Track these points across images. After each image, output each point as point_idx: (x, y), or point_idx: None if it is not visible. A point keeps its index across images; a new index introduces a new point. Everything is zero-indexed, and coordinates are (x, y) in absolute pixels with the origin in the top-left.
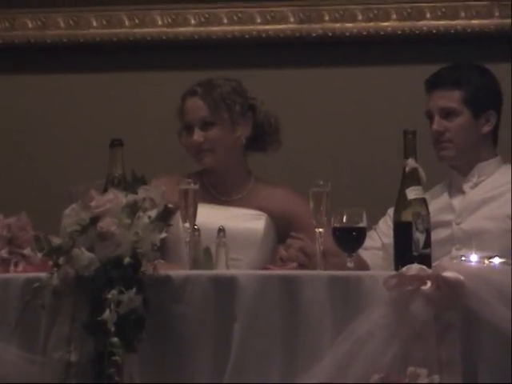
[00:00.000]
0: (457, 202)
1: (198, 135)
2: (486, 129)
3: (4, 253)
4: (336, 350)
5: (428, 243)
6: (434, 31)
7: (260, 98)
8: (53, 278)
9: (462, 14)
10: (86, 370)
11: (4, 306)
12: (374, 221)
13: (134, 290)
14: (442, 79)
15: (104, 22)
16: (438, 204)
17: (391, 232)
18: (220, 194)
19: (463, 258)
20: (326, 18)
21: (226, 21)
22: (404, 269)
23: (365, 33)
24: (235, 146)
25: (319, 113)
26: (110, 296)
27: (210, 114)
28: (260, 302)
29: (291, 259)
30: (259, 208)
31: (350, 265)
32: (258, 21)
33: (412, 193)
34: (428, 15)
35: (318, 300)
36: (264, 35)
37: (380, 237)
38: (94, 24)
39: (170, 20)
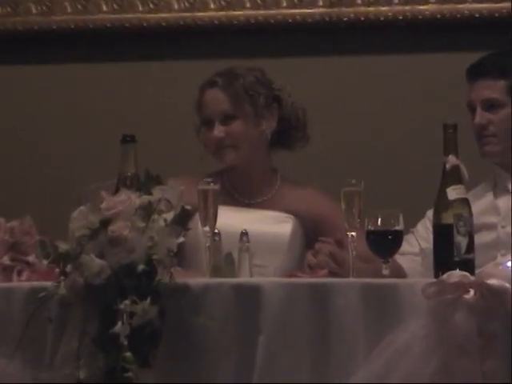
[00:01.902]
0: (502, 202)
1: (218, 130)
2: None
3: (6, 260)
4: (370, 365)
5: (471, 248)
6: (477, 15)
7: (286, 89)
8: (60, 288)
9: None
10: None
11: (7, 318)
12: (411, 224)
13: (149, 300)
14: (485, 68)
15: (115, 7)
16: (482, 205)
17: (430, 236)
18: (243, 197)
19: (509, 264)
20: (359, 1)
21: (248, 4)
22: (444, 276)
23: (401, 17)
24: (260, 142)
25: (351, 105)
26: (122, 307)
27: (231, 106)
28: (287, 313)
29: (321, 266)
30: (286, 210)
31: (385, 271)
32: (284, 4)
33: (453, 193)
34: None
35: (350, 310)
36: (290, 20)
37: (418, 241)
38: (104, 8)
39: (187, 4)
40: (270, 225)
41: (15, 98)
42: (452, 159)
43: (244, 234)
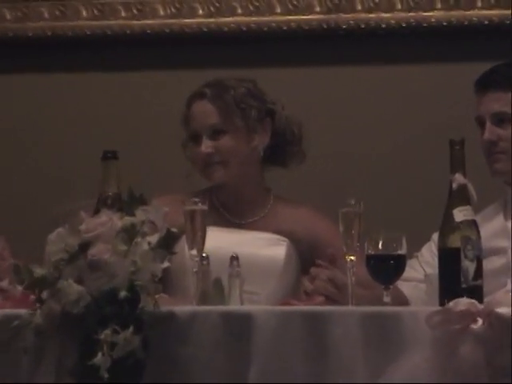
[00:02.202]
0: None
1: (206, 145)
2: None
3: None
4: None
5: (479, 273)
6: (486, 22)
7: (280, 102)
8: (35, 316)
9: None
10: None
11: None
12: (415, 247)
13: (132, 329)
14: (495, 79)
15: (96, 12)
16: (492, 228)
17: (436, 260)
18: (233, 216)
19: None
20: (359, 6)
21: (240, 10)
22: (451, 304)
23: (404, 24)
24: (251, 159)
25: (350, 119)
26: (102, 336)
27: (220, 120)
28: (280, 344)
29: (317, 292)
30: (279, 232)
31: (386, 299)
32: (278, 10)
33: (460, 214)
34: (479, 3)
35: (348, 341)
36: (285, 27)
37: (423, 266)
38: (84, 14)
39: (174, 10)
40: (262, 248)
41: None
42: (459, 178)
43: (234, 258)
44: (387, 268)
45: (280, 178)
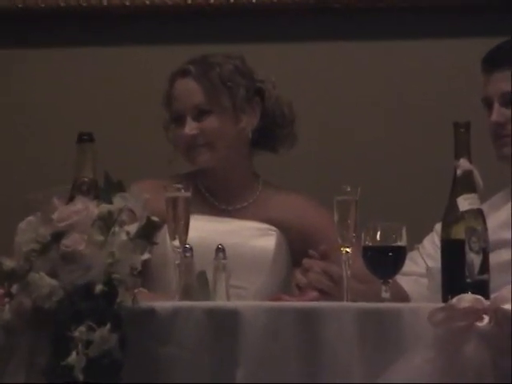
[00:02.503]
0: None
1: (190, 127)
2: None
3: None
4: None
5: (485, 267)
6: None
7: (270, 81)
8: (4, 311)
9: None
10: None
11: None
12: (416, 239)
13: (108, 326)
14: (504, 57)
15: None
16: (499, 218)
17: (438, 253)
18: (219, 202)
19: None
20: None
21: None
22: (454, 300)
23: None
24: (239, 142)
25: (345, 99)
26: (77, 334)
27: (206, 99)
28: (270, 343)
29: (311, 286)
30: (269, 220)
31: (385, 294)
32: None
33: (465, 203)
34: None
35: (344, 340)
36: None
37: (424, 259)
38: None
39: None
40: (250, 238)
41: None
42: (464, 163)
43: (220, 249)
44: (386, 261)
45: (270, 163)
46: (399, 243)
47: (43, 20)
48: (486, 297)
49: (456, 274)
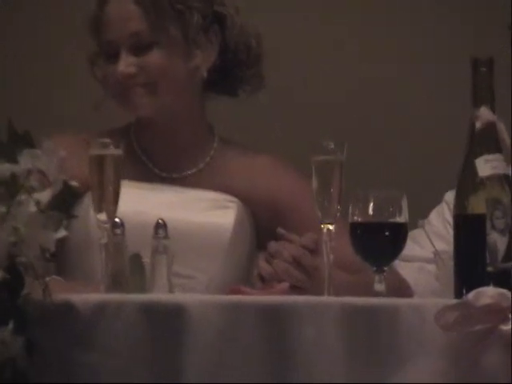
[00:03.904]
0: None
1: (126, 63)
2: None
3: None
4: None
5: None
6: None
7: (233, 4)
8: None
9: None
10: None
11: None
12: (421, 213)
13: (11, 326)
14: None
15: None
16: None
17: (450, 232)
18: (161, 167)
19: None
20: None
21: None
22: (471, 295)
23: None
24: (190, 84)
25: (328, 33)
26: None
27: (148, 27)
28: (225, 349)
29: (278, 277)
30: (227, 189)
31: (379, 287)
32: None
33: (486, 166)
34: None
35: (324, 346)
36: None
37: (431, 240)
38: None
39: None
40: (201, 212)
41: None
42: (485, 114)
43: (160, 225)
44: (380, 242)
45: (229, 113)
46: (398, 219)
47: None
48: None
49: (474, 260)
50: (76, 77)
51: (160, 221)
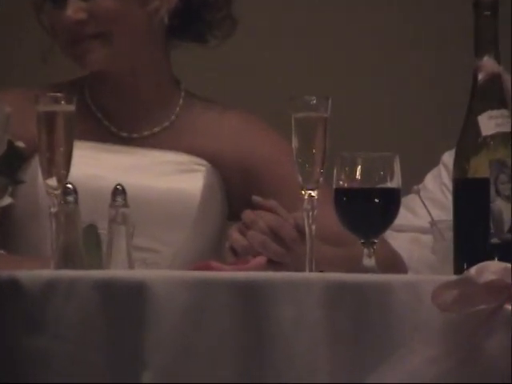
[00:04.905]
0: None
1: (75, 8)
2: None
3: None
4: None
5: None
6: None
7: None
8: None
9: None
10: None
11: None
12: (415, 177)
13: None
14: None
15: None
16: None
17: (449, 198)
18: (118, 125)
19: None
20: None
21: None
22: (473, 270)
23: None
24: (149, 31)
25: None
26: None
27: None
28: (192, 331)
29: (253, 250)
30: (194, 150)
31: (368, 261)
32: None
33: (490, 123)
34: None
35: (306, 328)
36: None
37: (427, 208)
38: None
39: None
40: (165, 176)
41: None
42: (488, 64)
43: (119, 191)
44: (369, 211)
45: (196, 63)
46: (389, 184)
47: None
48: None
49: (476, 230)
50: (21, 25)
51: (118, 187)
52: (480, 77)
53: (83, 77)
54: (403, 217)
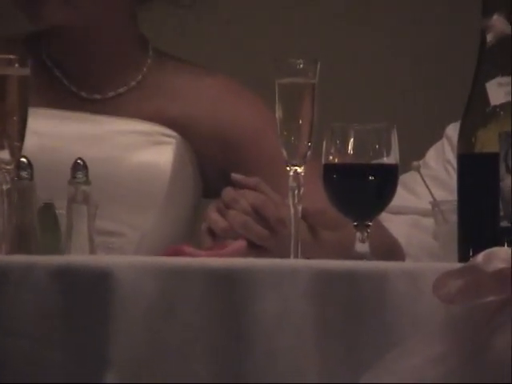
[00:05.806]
0: None
1: None
2: None
3: None
4: None
5: None
6: None
7: None
8: None
9: None
10: None
11: None
12: (415, 152)
13: None
14: None
15: None
16: None
17: (453, 176)
18: (80, 85)
19: None
20: None
21: None
22: (480, 257)
23: None
24: None
25: None
26: None
27: None
28: (162, 323)
29: (234, 232)
30: (164, 118)
31: (361, 247)
32: None
33: (500, 91)
34: None
35: (291, 322)
36: None
37: (429, 187)
38: None
39: None
40: (131, 148)
41: None
42: (498, 23)
43: (79, 166)
44: (363, 190)
45: (168, 22)
46: (386, 159)
47: None
48: None
49: (483, 212)
50: None
51: (79, 161)
52: (489, 38)
53: (40, 32)
54: (401, 197)
